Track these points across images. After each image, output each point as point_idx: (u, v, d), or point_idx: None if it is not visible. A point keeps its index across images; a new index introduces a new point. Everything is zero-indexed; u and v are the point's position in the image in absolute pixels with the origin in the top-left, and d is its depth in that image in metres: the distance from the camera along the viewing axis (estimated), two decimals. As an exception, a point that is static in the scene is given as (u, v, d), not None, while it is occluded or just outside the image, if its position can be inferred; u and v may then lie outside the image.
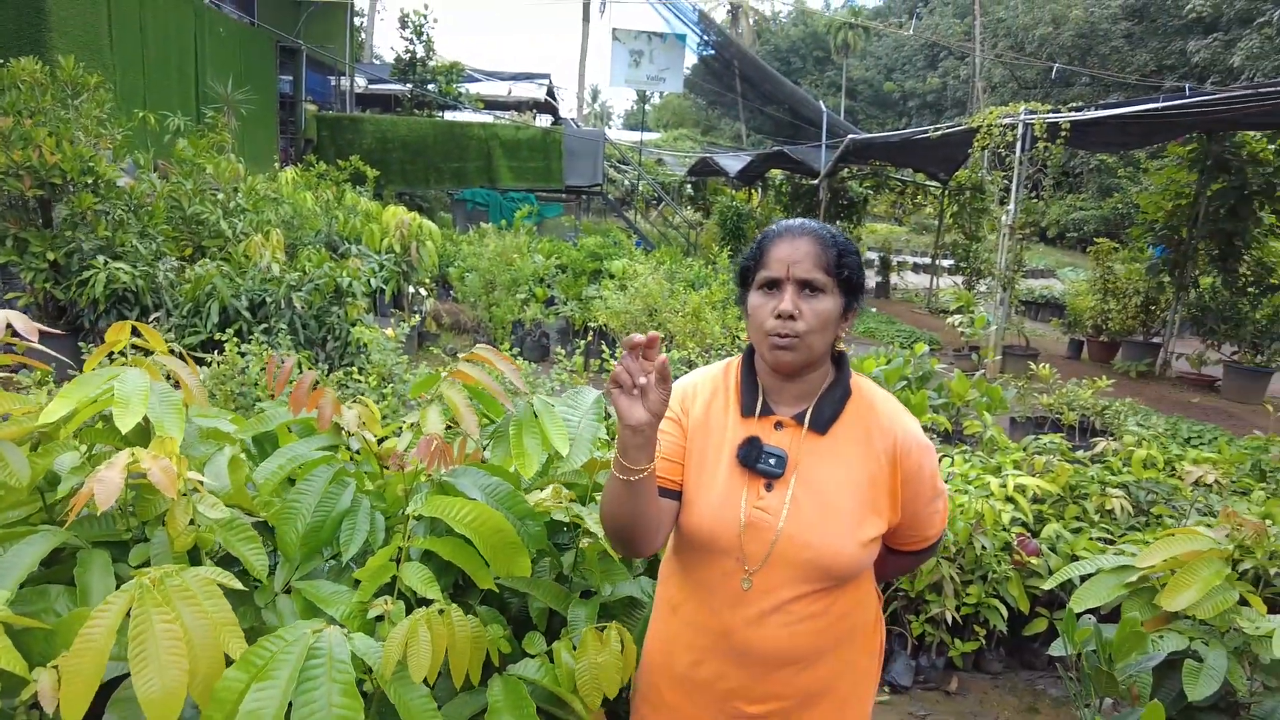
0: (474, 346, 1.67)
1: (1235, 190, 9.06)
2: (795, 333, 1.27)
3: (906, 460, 1.32)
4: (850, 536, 1.29)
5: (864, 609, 1.41)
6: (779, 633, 1.30)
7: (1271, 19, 22.14)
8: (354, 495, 1.44)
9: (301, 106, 14.19)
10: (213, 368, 4.29)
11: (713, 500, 1.34)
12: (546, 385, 4.35)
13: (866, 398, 1.37)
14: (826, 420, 1.33)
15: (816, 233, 1.30)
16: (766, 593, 1.30)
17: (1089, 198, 26.43)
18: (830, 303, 1.29)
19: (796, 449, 1.32)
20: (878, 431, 1.33)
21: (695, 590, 1.37)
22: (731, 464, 1.34)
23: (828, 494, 1.30)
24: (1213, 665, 2.10)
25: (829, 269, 1.28)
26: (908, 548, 1.45)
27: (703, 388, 1.43)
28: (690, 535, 1.36)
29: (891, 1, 54.78)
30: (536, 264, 8.99)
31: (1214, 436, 6.32)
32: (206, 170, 7.17)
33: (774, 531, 1.29)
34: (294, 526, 1.37)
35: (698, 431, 1.39)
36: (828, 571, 1.29)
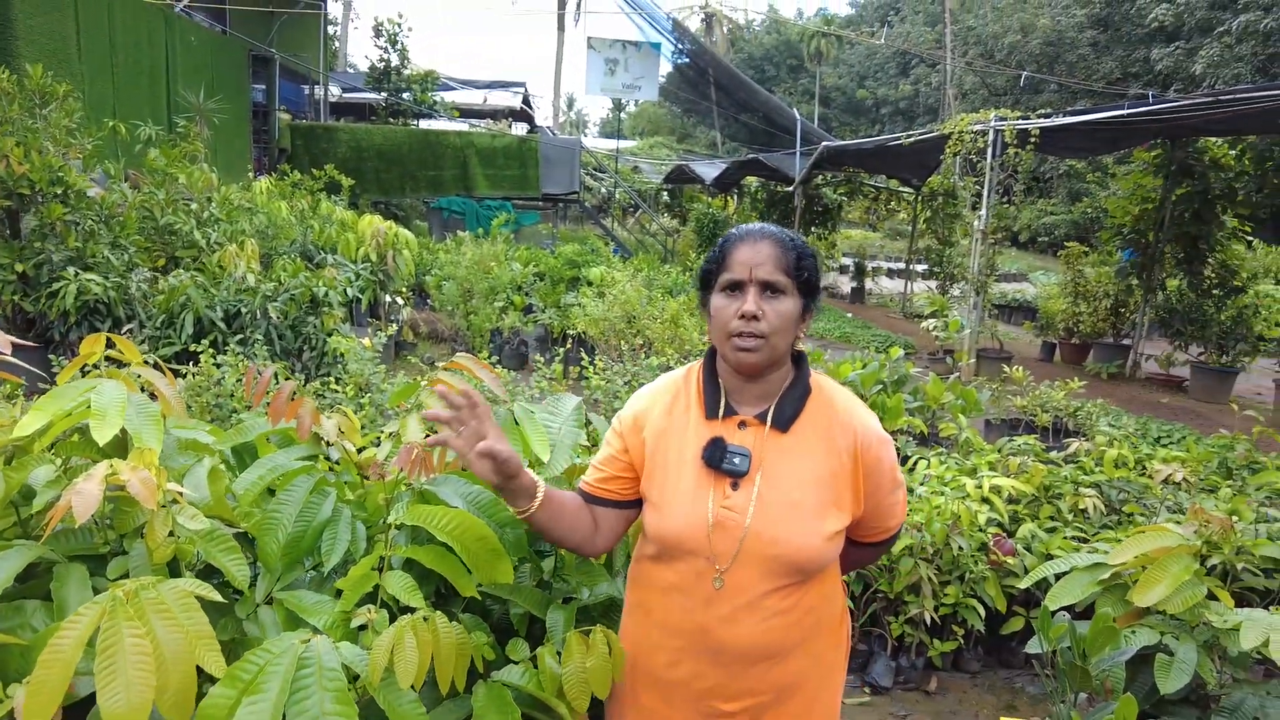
0: (452, 355, 1.68)
1: (1199, 195, 9.26)
2: (759, 333, 1.31)
3: (867, 454, 1.36)
4: (816, 531, 1.32)
5: (831, 602, 1.44)
6: (753, 629, 1.33)
7: (1230, 28, 22.67)
8: (335, 505, 1.44)
9: (275, 116, 14.07)
10: (188, 379, 4.25)
11: (680, 503, 1.37)
12: (526, 393, 4.35)
13: (826, 395, 1.41)
14: (788, 418, 1.37)
15: (776, 236, 1.35)
16: (738, 590, 1.33)
17: (1059, 202, 26.87)
18: (791, 304, 1.33)
19: (760, 447, 1.36)
20: (838, 427, 1.37)
21: (668, 591, 1.40)
22: (697, 466, 1.37)
23: (792, 490, 1.34)
24: (1183, 659, 2.14)
25: (789, 271, 1.32)
26: (870, 539, 1.50)
27: (662, 396, 1.47)
28: (660, 538, 1.39)
29: (863, 10, 55.45)
30: (514, 272, 8.98)
31: (1182, 436, 6.44)
32: (179, 180, 7.09)
33: (741, 529, 1.32)
34: (275, 537, 1.36)
35: (659, 439, 1.43)
36: (796, 566, 1.33)
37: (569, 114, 50.31)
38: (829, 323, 12.67)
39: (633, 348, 6.55)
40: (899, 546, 2.92)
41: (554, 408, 1.72)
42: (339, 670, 1.12)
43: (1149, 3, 26.00)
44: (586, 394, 4.78)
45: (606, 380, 4.80)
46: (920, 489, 3.31)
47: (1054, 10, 30.27)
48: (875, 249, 22.81)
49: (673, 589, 1.39)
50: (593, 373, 4.86)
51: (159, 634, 1.05)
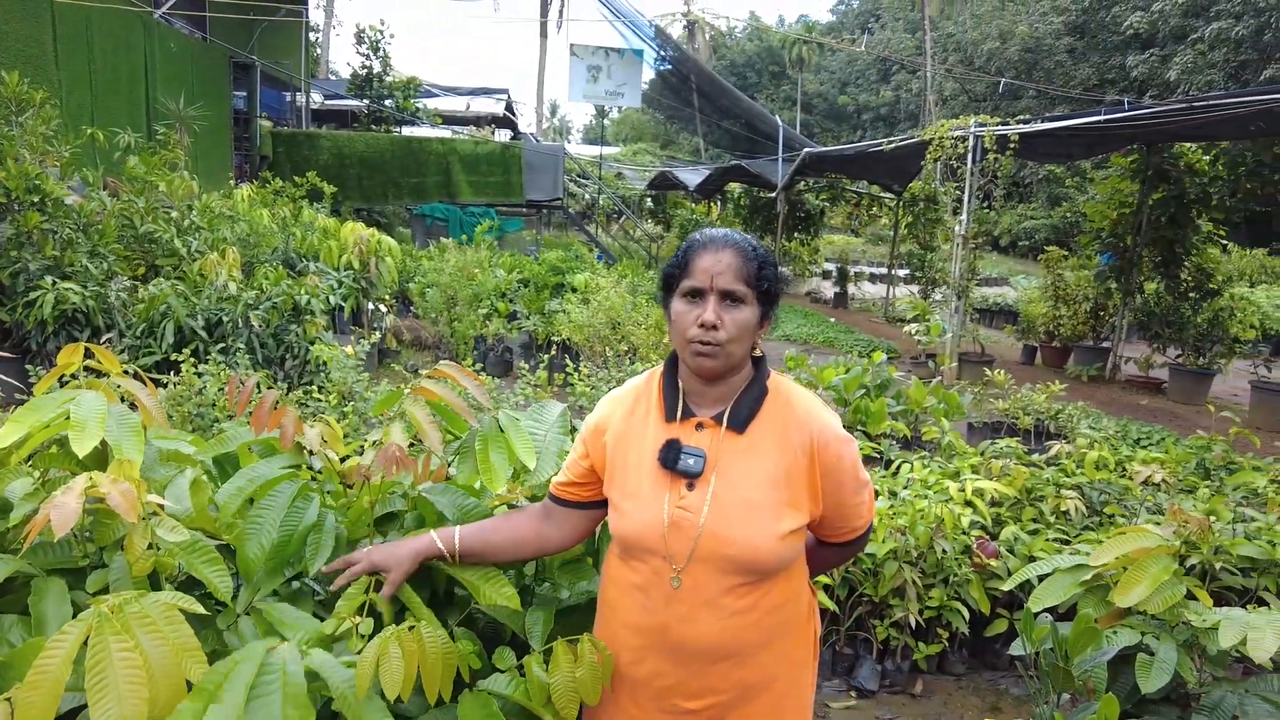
0: (436, 363, 1.68)
1: (1175, 199, 9.39)
2: (717, 341, 1.33)
3: (824, 453, 1.37)
4: (769, 530, 1.33)
5: (796, 602, 1.45)
6: (711, 627, 1.35)
7: (1204, 35, 23.04)
8: (319, 510, 1.43)
9: (256, 123, 13.98)
10: (169, 389, 4.21)
11: (638, 503, 1.40)
12: (511, 400, 4.34)
13: (784, 395, 1.43)
14: (744, 419, 1.39)
15: (739, 245, 1.36)
16: (695, 589, 1.35)
17: (1039, 207, 27.16)
18: (749, 312, 1.35)
19: (716, 448, 1.38)
20: (794, 427, 1.38)
21: (630, 591, 1.42)
22: (655, 467, 1.40)
23: (746, 490, 1.35)
24: (1163, 658, 2.17)
25: (750, 281, 1.34)
26: (836, 539, 1.51)
27: (624, 401, 1.51)
28: (620, 538, 1.43)
29: (844, 17, 55.89)
30: (498, 279, 8.96)
31: (1161, 437, 6.52)
32: (159, 188, 7.03)
33: (696, 529, 1.34)
34: (257, 543, 1.35)
35: (619, 442, 1.46)
36: (750, 565, 1.34)
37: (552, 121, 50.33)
38: (813, 327, 12.73)
39: (617, 354, 6.55)
40: (883, 550, 2.93)
41: (539, 415, 1.72)
42: (301, 676, 1.12)
43: (1124, 10, 26.39)
44: (571, 401, 4.77)
45: (591, 387, 4.80)
46: (904, 492, 3.33)
47: (1031, 17, 30.66)
48: (858, 254, 22.96)
49: (634, 588, 1.41)
50: (578, 379, 4.86)
51: (146, 648, 1.05)
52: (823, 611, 3.05)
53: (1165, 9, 24.50)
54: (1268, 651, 1.94)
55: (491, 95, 24.39)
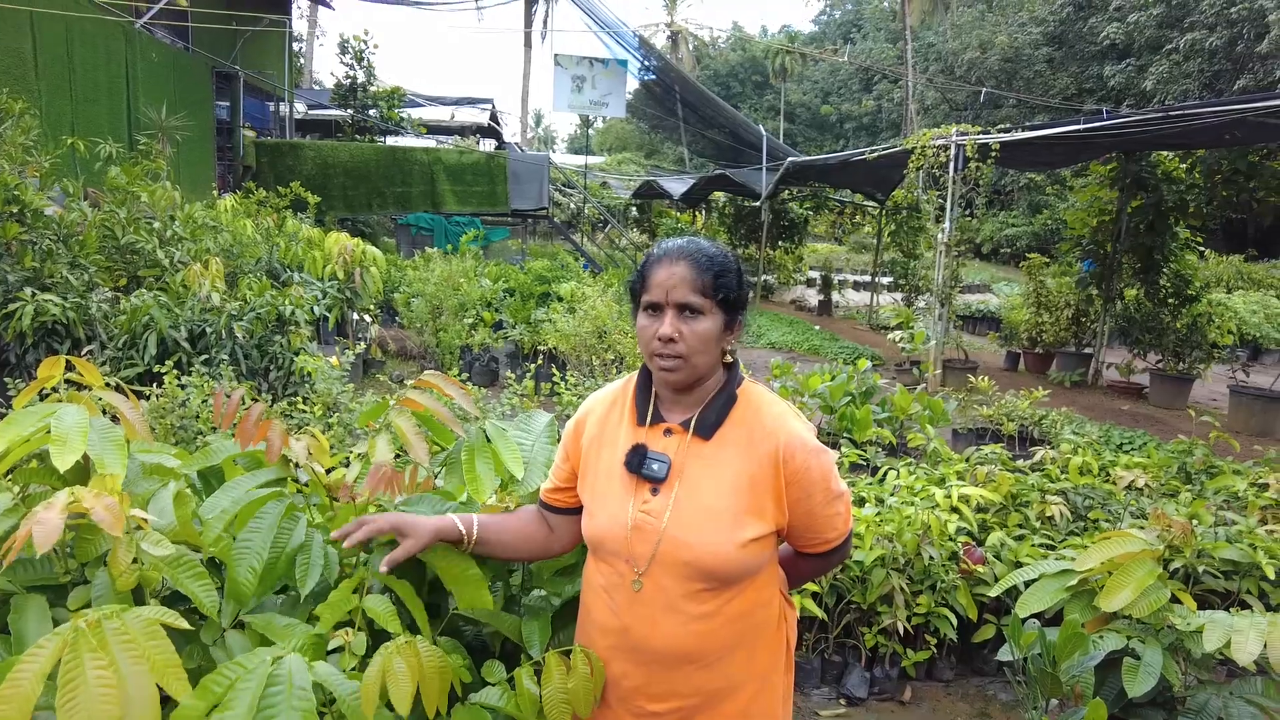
0: (421, 373, 1.67)
1: (1153, 207, 9.51)
2: (677, 354, 1.34)
3: (791, 463, 1.36)
4: (728, 537, 1.34)
5: (765, 610, 1.45)
6: (673, 631, 1.36)
7: (1179, 46, 23.41)
8: (307, 531, 1.42)
9: (239, 133, 13.91)
10: (151, 401, 4.17)
11: (605, 506, 1.42)
12: (497, 410, 4.32)
13: (753, 403, 1.43)
14: (711, 425, 1.40)
15: (693, 257, 1.36)
16: (657, 593, 1.37)
17: (1020, 215, 27.43)
18: (709, 323, 1.36)
19: (682, 454, 1.39)
20: (761, 435, 1.38)
21: (599, 593, 1.45)
22: (622, 471, 1.42)
23: (708, 496, 1.36)
24: (1149, 662, 2.18)
25: (706, 292, 1.34)
26: (811, 549, 1.50)
27: (601, 405, 1.53)
28: (588, 540, 1.46)
29: (826, 28, 56.36)
30: (483, 288, 8.94)
31: (1143, 442, 6.58)
32: (141, 198, 6.97)
33: (657, 534, 1.36)
34: (249, 565, 1.34)
35: (593, 446, 1.49)
36: (708, 572, 1.35)
37: (537, 130, 50.41)
38: (798, 335, 12.78)
39: (604, 362, 6.55)
40: (871, 557, 2.94)
41: (526, 425, 1.72)
42: (309, 689, 1.11)
43: (1101, 21, 26.76)
44: (558, 410, 4.76)
45: (578, 396, 4.79)
46: (891, 499, 3.34)
47: (1010, 28, 31.04)
48: (841, 262, 23.09)
49: (602, 589, 1.44)
50: (564, 389, 4.85)
51: (123, 665, 1.03)
52: (811, 619, 3.05)
53: (1141, 20, 24.88)
54: (1251, 654, 1.96)
55: (476, 105, 24.37)
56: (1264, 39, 20.91)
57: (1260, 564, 3.02)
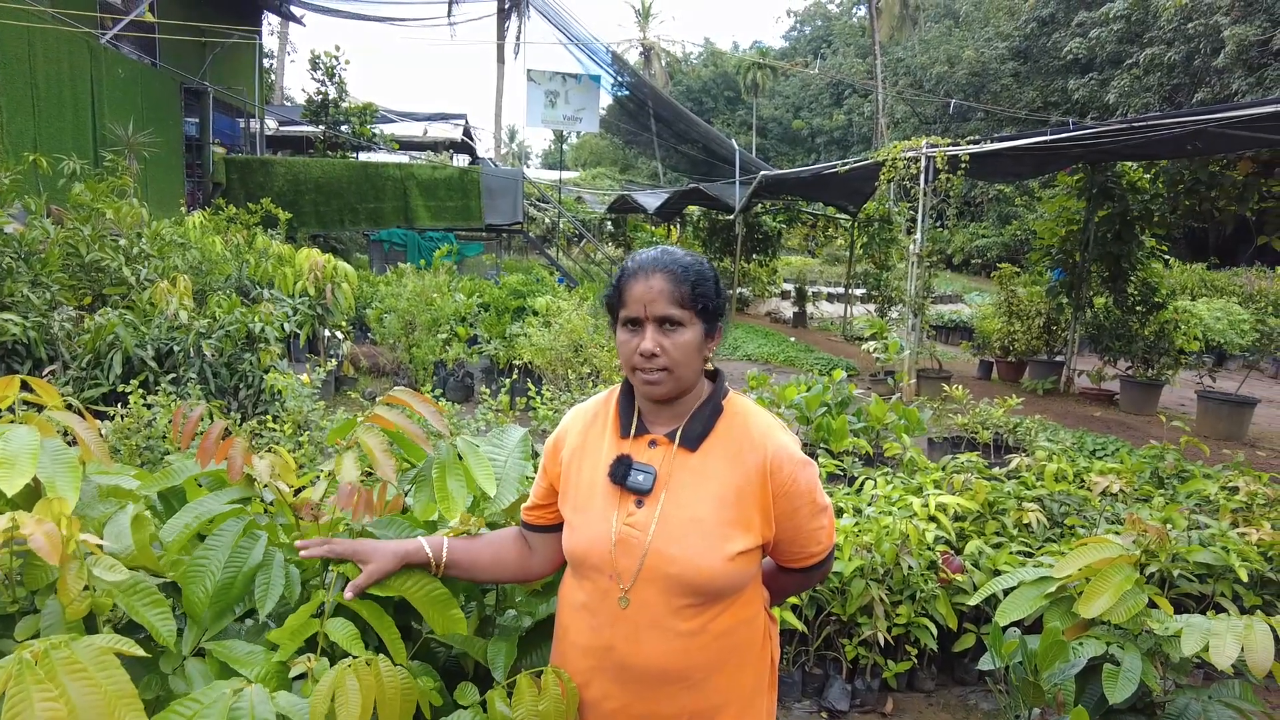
0: (397, 388, 1.63)
1: (1119, 216, 9.68)
2: (661, 367, 1.32)
3: (778, 475, 1.34)
4: (715, 551, 1.31)
5: (750, 626, 1.42)
6: (657, 649, 1.33)
7: (1139, 60, 23.96)
8: (266, 549, 1.37)
9: (209, 149, 13.74)
10: (116, 421, 4.07)
11: (587, 519, 1.38)
12: (471, 425, 4.27)
13: (740, 415, 1.41)
14: (696, 437, 1.37)
15: (669, 269, 1.34)
16: (641, 609, 1.33)
17: (989, 226, 27.83)
18: (690, 334, 1.33)
19: (667, 466, 1.36)
20: (748, 447, 1.36)
21: (579, 611, 1.40)
22: (606, 483, 1.38)
23: (694, 509, 1.33)
24: (1129, 668, 2.18)
25: (684, 302, 1.32)
26: (795, 564, 1.47)
27: (582, 418, 1.50)
28: (569, 555, 1.41)
29: (797, 43, 57.05)
30: (458, 303, 8.87)
31: (1116, 448, 6.65)
32: (106, 215, 6.85)
33: (642, 547, 1.32)
34: (202, 585, 1.29)
35: (574, 458, 1.45)
36: (695, 586, 1.31)
37: (511, 146, 50.37)
38: (773, 347, 12.82)
39: (580, 376, 6.51)
40: (850, 568, 2.92)
41: (499, 441, 1.68)
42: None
43: (1064, 36, 27.33)
44: (534, 425, 4.72)
45: (554, 410, 4.75)
46: (869, 509, 3.34)
47: (977, 43, 31.61)
48: (815, 274, 23.25)
49: (582, 607, 1.39)
50: (540, 403, 4.81)
51: (74, 697, 0.98)
52: (791, 632, 3.02)
53: (1102, 35, 25.43)
54: (1229, 658, 1.96)
55: (449, 120, 24.31)
56: (1220, 54, 21.46)
57: (1234, 566, 3.04)
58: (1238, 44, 20.84)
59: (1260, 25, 20.87)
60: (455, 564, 1.44)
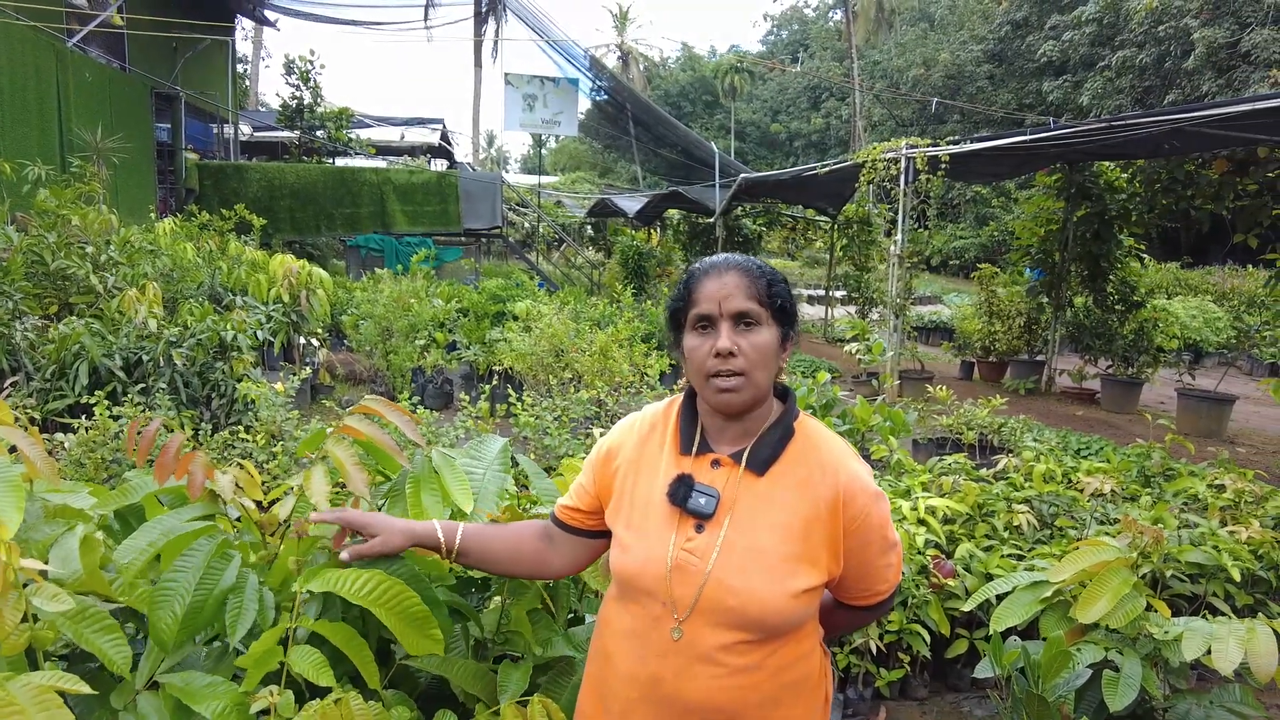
0: (369, 397, 1.54)
1: (1097, 216, 9.74)
2: (738, 370, 1.22)
3: (850, 507, 1.24)
4: (780, 586, 1.21)
5: (806, 664, 1.31)
6: (709, 684, 1.22)
7: (1111, 63, 24.28)
8: (240, 570, 1.28)
9: (182, 155, 13.50)
10: (80, 434, 3.94)
11: (642, 540, 1.28)
12: (450, 434, 4.17)
13: (812, 439, 1.31)
14: (765, 460, 1.27)
15: (743, 265, 1.27)
16: (694, 641, 1.22)
17: (967, 227, 28.04)
18: (768, 334, 1.25)
19: (732, 489, 1.26)
20: (820, 475, 1.26)
21: (626, 637, 1.29)
22: (664, 503, 1.28)
23: (758, 539, 1.23)
24: (1129, 674, 2.13)
25: (761, 299, 1.24)
26: (858, 602, 1.38)
27: (640, 427, 1.40)
28: (618, 576, 1.31)
29: (774, 48, 57.34)
30: (435, 308, 8.75)
31: (1100, 446, 6.66)
32: (72, 222, 6.67)
33: (702, 575, 1.22)
34: (170, 610, 1.19)
35: (629, 471, 1.35)
36: (757, 621, 1.21)
37: (489, 150, 50.15)
38: (756, 350, 12.78)
39: (561, 382, 6.42)
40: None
41: (477, 452, 1.60)
42: None
43: (1038, 39, 27.66)
44: (515, 432, 4.62)
45: (536, 417, 4.66)
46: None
47: (953, 45, 31.93)
48: (795, 277, 23.28)
49: (630, 634, 1.29)
50: (521, 409, 4.71)
51: (7, 743, 0.89)
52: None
53: (1075, 38, 25.75)
54: (1232, 663, 1.91)
55: (427, 125, 24.16)
56: (1190, 56, 21.78)
57: (1226, 566, 3.01)
58: (1207, 46, 21.16)
59: (1228, 28, 21.21)
60: (467, 551, 1.37)
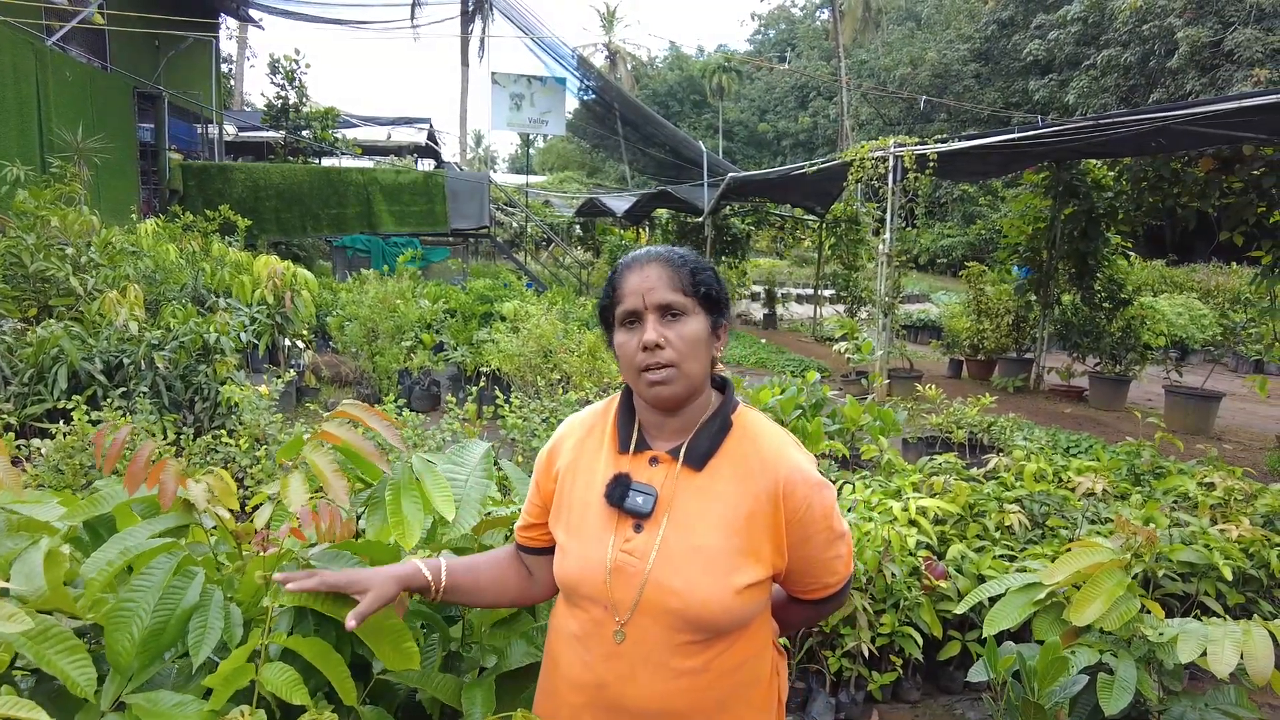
0: (358, 399, 1.50)
1: (1085, 214, 9.76)
2: (667, 362, 1.20)
3: (791, 499, 1.22)
4: (722, 583, 1.18)
5: (756, 663, 1.29)
6: (655, 688, 1.20)
7: (1096, 62, 24.41)
8: (203, 588, 1.23)
9: (165, 155, 13.35)
10: (57, 440, 3.86)
11: (581, 543, 1.25)
12: (437, 436, 4.12)
13: (750, 430, 1.28)
14: (703, 455, 1.25)
15: (664, 256, 1.24)
16: (638, 644, 1.20)
17: (954, 225, 28.13)
18: (696, 323, 1.22)
19: (670, 486, 1.23)
20: (759, 467, 1.23)
21: (571, 643, 1.27)
22: (602, 504, 1.25)
23: (698, 536, 1.20)
24: (1124, 677, 2.11)
25: (686, 289, 1.22)
26: (807, 596, 1.35)
27: (577, 430, 1.37)
28: (560, 581, 1.29)
29: (761, 47, 57.39)
30: (422, 309, 8.68)
31: (1090, 444, 6.66)
32: (52, 223, 6.57)
33: (641, 576, 1.19)
34: (128, 631, 1.14)
35: (568, 474, 1.32)
36: (698, 621, 1.18)
37: (477, 151, 49.96)
38: (744, 349, 12.78)
39: (550, 383, 6.37)
40: (833, 577, 2.82)
41: (459, 458, 1.55)
42: None
43: (1024, 39, 27.77)
44: (503, 434, 4.57)
45: (524, 419, 4.61)
46: (850, 515, 3.24)
47: (939, 44, 32.02)
48: (784, 276, 23.29)
49: (575, 639, 1.27)
50: (508, 411, 4.66)
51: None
52: (773, 645, 2.92)
53: (1060, 37, 25.87)
54: (1229, 665, 1.89)
55: (413, 125, 24.03)
56: (1174, 55, 21.92)
57: (1218, 565, 3.00)
58: (1191, 45, 21.30)
59: (1212, 27, 21.36)
60: (456, 587, 1.31)
